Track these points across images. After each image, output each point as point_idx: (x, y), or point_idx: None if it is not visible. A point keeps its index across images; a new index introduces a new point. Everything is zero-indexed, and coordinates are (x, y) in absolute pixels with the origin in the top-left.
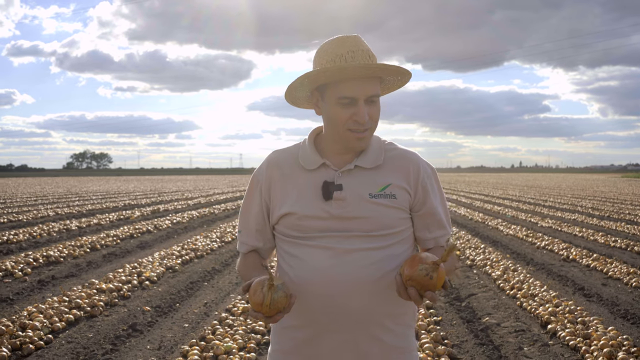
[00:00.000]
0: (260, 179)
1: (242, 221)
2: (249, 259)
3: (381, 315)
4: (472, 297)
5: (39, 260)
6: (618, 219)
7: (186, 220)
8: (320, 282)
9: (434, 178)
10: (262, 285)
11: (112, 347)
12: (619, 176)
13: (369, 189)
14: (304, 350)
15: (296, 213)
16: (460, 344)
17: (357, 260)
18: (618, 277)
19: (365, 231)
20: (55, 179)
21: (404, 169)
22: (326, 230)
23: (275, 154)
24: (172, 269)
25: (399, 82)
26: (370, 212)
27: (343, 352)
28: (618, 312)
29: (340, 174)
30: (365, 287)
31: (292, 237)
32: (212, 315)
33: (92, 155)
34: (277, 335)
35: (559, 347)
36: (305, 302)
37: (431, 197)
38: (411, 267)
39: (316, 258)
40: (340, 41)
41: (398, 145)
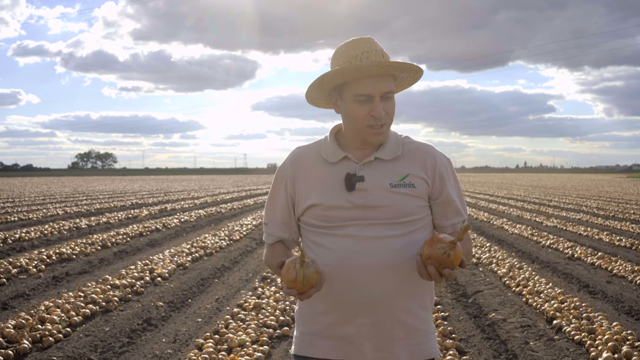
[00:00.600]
0: (285, 174)
1: (268, 214)
2: (275, 249)
3: (404, 298)
4: (479, 294)
5: (52, 257)
6: (623, 219)
7: (194, 219)
8: (345, 269)
9: (450, 168)
10: (294, 263)
11: (128, 340)
12: (624, 176)
13: (389, 179)
14: (330, 334)
15: (322, 204)
16: (467, 339)
17: (380, 247)
18: (623, 275)
19: (387, 219)
20: (61, 178)
21: (421, 160)
22: (350, 219)
23: (298, 150)
24: (182, 266)
25: (411, 79)
26: (391, 201)
27: (368, 335)
28: (622, 309)
29: (362, 166)
30: (388, 272)
31: (318, 227)
32: (224, 310)
33: (97, 155)
34: (303, 319)
35: (564, 342)
36: (332, 288)
37: (447, 186)
38: (430, 247)
39: (341, 246)
40: (355, 43)
41: (414, 139)
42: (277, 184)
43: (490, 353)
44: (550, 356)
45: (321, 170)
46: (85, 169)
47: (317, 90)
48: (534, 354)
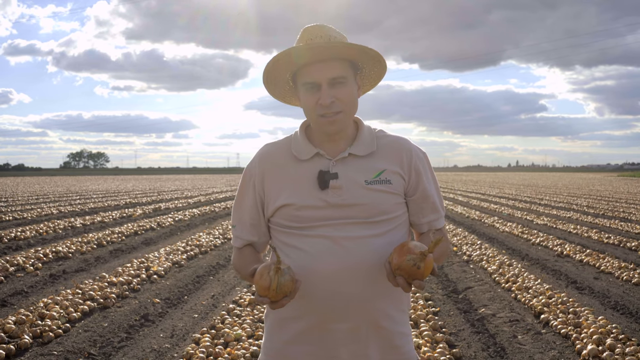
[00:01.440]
0: (253, 173)
1: (236, 216)
2: (244, 252)
3: (381, 301)
4: (469, 290)
5: (49, 256)
6: (612, 217)
7: (188, 218)
8: (320, 271)
9: (426, 162)
10: (268, 269)
11: (126, 335)
12: (615, 175)
13: (364, 175)
14: (303, 341)
15: (294, 204)
16: (457, 333)
17: (356, 247)
18: (610, 271)
19: (363, 218)
20: (53, 178)
21: (396, 155)
22: (324, 219)
23: (266, 147)
24: (178, 264)
25: (376, 73)
26: (367, 198)
27: (344, 340)
28: (608, 304)
29: (335, 163)
30: (366, 274)
31: (290, 227)
32: (220, 306)
33: (89, 155)
34: (274, 326)
35: (551, 335)
36: (305, 292)
37: (424, 180)
38: (399, 257)
39: (315, 247)
40: (304, 31)
41: (388, 132)
42: (244, 184)
43: (479, 346)
44: (537, 349)
45: (292, 168)
46: (77, 169)
47: (280, 86)
48: (521, 347)
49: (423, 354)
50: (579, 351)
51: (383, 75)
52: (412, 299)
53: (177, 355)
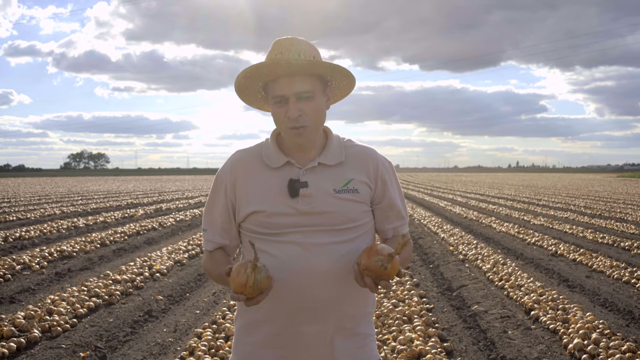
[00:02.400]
0: (224, 178)
1: (207, 220)
2: (215, 256)
3: (347, 304)
4: (463, 288)
5: (54, 255)
6: (609, 217)
7: (189, 218)
8: (290, 276)
9: (392, 171)
10: (245, 266)
11: (131, 330)
12: (614, 176)
13: (333, 184)
14: (272, 343)
15: (264, 211)
16: (449, 328)
17: (324, 253)
18: (602, 270)
19: (331, 225)
20: (54, 178)
21: (364, 165)
22: (294, 226)
23: (238, 154)
24: (180, 263)
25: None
26: (335, 207)
27: (311, 342)
28: (598, 301)
29: (305, 172)
30: (333, 279)
31: (260, 233)
32: (221, 303)
33: (89, 156)
34: (244, 328)
35: (540, 331)
36: (275, 295)
37: (390, 189)
38: (368, 258)
39: (285, 253)
40: (274, 44)
41: (356, 142)
42: (216, 189)
43: (470, 340)
44: (526, 343)
45: (263, 176)
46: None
47: (252, 95)
48: (511, 342)
49: (415, 347)
50: (566, 345)
51: (353, 87)
52: (406, 296)
53: (180, 349)
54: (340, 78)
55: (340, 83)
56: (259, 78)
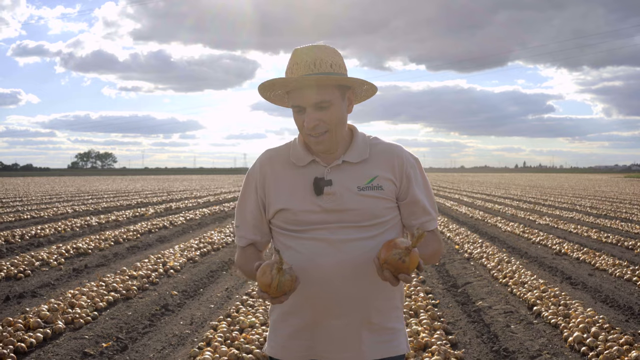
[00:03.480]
0: (255, 176)
1: (239, 217)
2: (247, 251)
3: (374, 299)
4: (468, 285)
5: (70, 252)
6: (614, 217)
7: (199, 217)
8: (317, 272)
9: (418, 167)
10: (271, 267)
11: (149, 322)
12: (622, 176)
13: (357, 182)
14: (303, 335)
15: (291, 208)
16: (454, 322)
17: (350, 249)
18: (604, 268)
19: (356, 222)
20: (62, 178)
21: (388, 161)
22: (320, 223)
23: (267, 153)
24: (192, 260)
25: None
26: (359, 204)
27: (338, 336)
28: (599, 297)
29: (330, 170)
30: (359, 274)
31: (288, 230)
32: (234, 298)
33: (96, 155)
34: (277, 320)
35: (542, 325)
36: (303, 290)
37: (414, 185)
38: (386, 252)
39: (312, 249)
40: (293, 54)
41: (382, 140)
42: (247, 186)
43: (474, 334)
44: (528, 337)
45: (290, 174)
46: (85, 169)
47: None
48: (513, 335)
49: (421, 339)
50: (566, 338)
51: (374, 91)
52: (412, 292)
53: (197, 340)
54: (359, 84)
55: (360, 89)
56: (279, 88)
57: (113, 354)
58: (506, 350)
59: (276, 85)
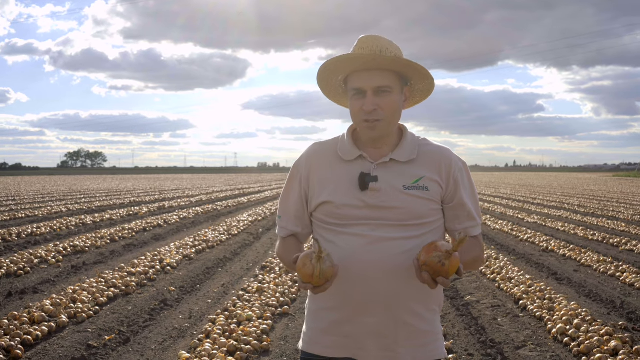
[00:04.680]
0: (300, 169)
1: (282, 207)
2: (288, 242)
3: (410, 300)
4: (457, 281)
5: (67, 250)
6: (601, 215)
7: (192, 216)
8: (355, 268)
9: (465, 172)
10: (310, 257)
11: (149, 317)
12: (610, 175)
13: (403, 181)
14: (338, 331)
15: (334, 202)
16: (443, 315)
17: (390, 247)
18: (589, 264)
19: (399, 220)
20: (53, 177)
21: (436, 163)
22: (362, 218)
23: (315, 146)
24: (188, 257)
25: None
26: (403, 202)
27: (373, 334)
28: (583, 292)
29: (376, 166)
30: (397, 274)
31: (330, 224)
32: (230, 293)
33: (86, 154)
34: (311, 315)
35: (527, 318)
36: (340, 285)
37: (461, 190)
38: (427, 254)
39: (352, 244)
40: (360, 40)
41: (431, 141)
42: (292, 178)
43: (462, 326)
44: (514, 329)
45: (336, 168)
46: (74, 168)
47: (332, 87)
48: (499, 327)
49: None
50: (550, 330)
51: (432, 89)
52: None
53: (197, 333)
54: (419, 78)
55: (418, 84)
56: (340, 70)
57: (116, 346)
58: (492, 341)
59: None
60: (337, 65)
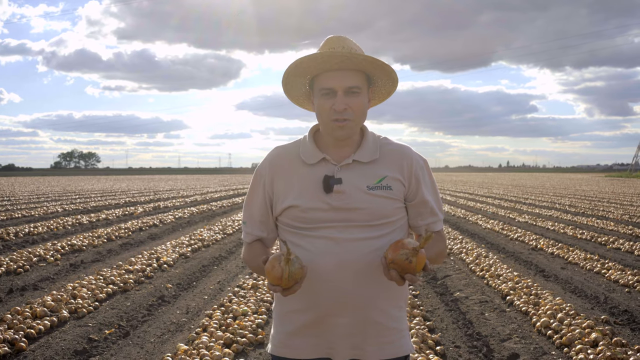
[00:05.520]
0: (263, 173)
1: (247, 213)
2: (253, 247)
3: (379, 299)
4: (447, 278)
5: (65, 248)
6: (591, 215)
7: (187, 216)
8: (323, 269)
9: (426, 169)
10: (278, 260)
11: (147, 312)
12: (603, 176)
13: (367, 181)
14: (307, 332)
15: (299, 206)
16: (432, 311)
17: (357, 248)
18: (576, 262)
19: (365, 221)
20: (46, 178)
21: (398, 162)
22: (328, 221)
23: (277, 150)
24: (184, 256)
25: (388, 87)
26: (368, 203)
27: (343, 334)
28: (569, 288)
29: (340, 168)
30: (365, 274)
31: (296, 227)
32: (226, 290)
33: (79, 155)
34: (280, 317)
35: (513, 313)
36: (309, 287)
37: (423, 187)
38: (394, 252)
39: (319, 247)
40: (327, 40)
41: (392, 140)
42: (255, 183)
43: (451, 320)
44: (500, 323)
45: (299, 172)
46: (68, 169)
47: (296, 88)
48: (486, 321)
49: None
50: (534, 324)
51: (393, 91)
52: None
53: (194, 327)
54: (385, 79)
55: (383, 86)
56: (308, 71)
57: (117, 339)
58: (479, 335)
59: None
60: (309, 64)
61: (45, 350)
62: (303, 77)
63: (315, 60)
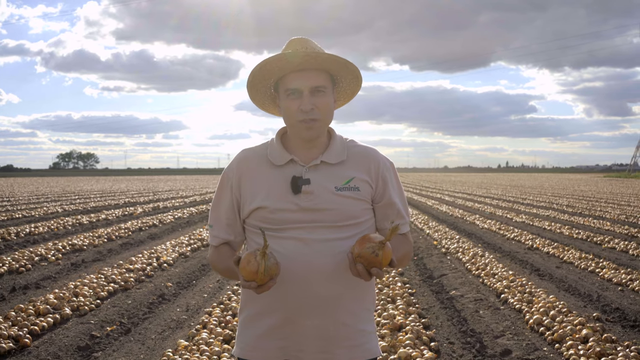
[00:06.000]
0: (230, 176)
1: (213, 216)
2: (221, 251)
3: (347, 300)
4: (443, 277)
5: (66, 248)
6: (588, 215)
7: (187, 216)
8: (292, 271)
9: (392, 171)
10: (254, 254)
11: (148, 310)
12: (601, 176)
13: (335, 182)
14: (276, 335)
15: (268, 207)
16: (428, 308)
17: (326, 249)
18: (571, 261)
19: (333, 222)
20: (45, 178)
21: (365, 164)
22: (296, 222)
23: (244, 152)
24: (184, 255)
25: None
26: (336, 204)
27: (312, 336)
28: (563, 287)
29: (308, 169)
30: (333, 275)
31: (265, 229)
32: (225, 288)
33: (78, 155)
34: (248, 321)
35: (507, 310)
36: (279, 289)
37: (390, 189)
38: (360, 246)
39: (287, 248)
40: (289, 42)
41: (359, 142)
42: (222, 186)
43: (446, 317)
44: (494, 320)
45: (267, 173)
46: (66, 169)
47: (261, 92)
48: (481, 319)
49: (397, 321)
50: (527, 321)
51: (357, 91)
52: (390, 282)
53: (194, 324)
54: (350, 79)
55: (347, 86)
56: (273, 72)
57: (118, 336)
58: (473, 331)
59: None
60: (274, 65)
61: (49, 346)
62: (268, 79)
63: (280, 60)
